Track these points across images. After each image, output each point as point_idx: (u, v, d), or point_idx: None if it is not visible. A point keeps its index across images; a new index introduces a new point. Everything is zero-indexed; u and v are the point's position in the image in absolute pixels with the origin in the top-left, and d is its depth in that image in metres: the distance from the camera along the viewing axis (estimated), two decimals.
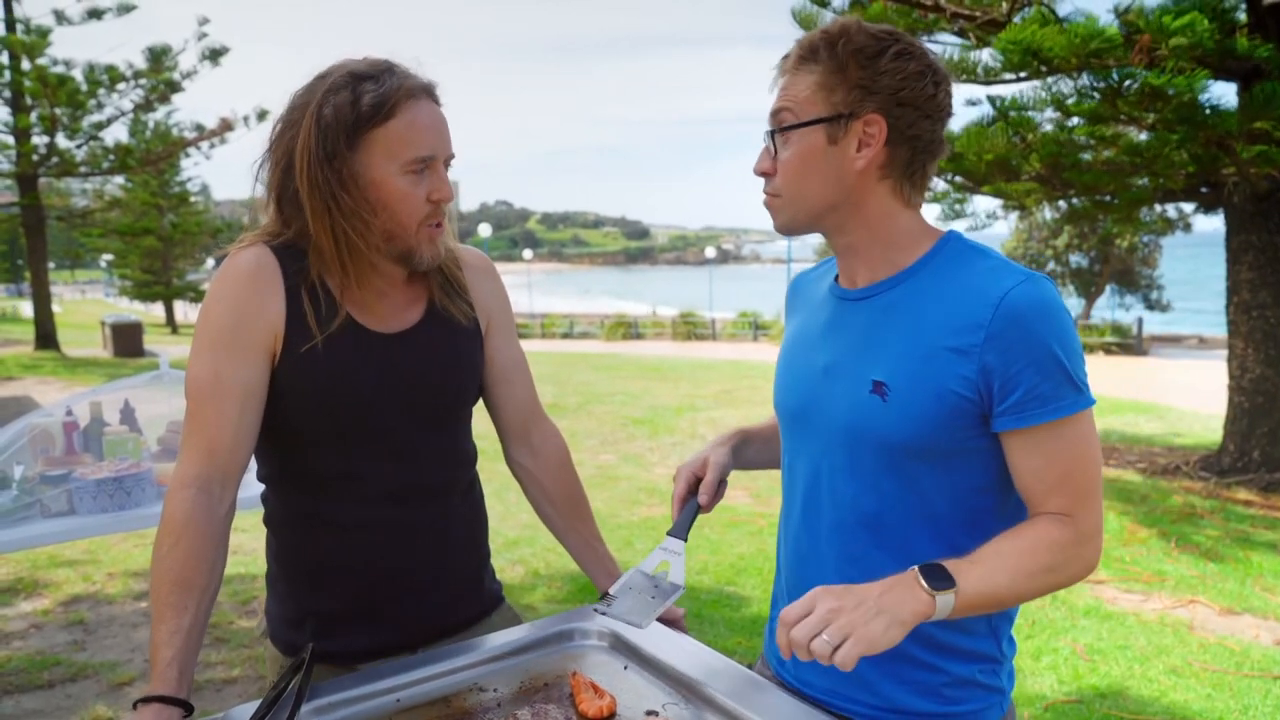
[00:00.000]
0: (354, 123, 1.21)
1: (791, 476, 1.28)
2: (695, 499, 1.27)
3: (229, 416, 1.22)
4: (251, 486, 2.61)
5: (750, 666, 1.30)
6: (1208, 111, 5.40)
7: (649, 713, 1.14)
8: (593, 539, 1.53)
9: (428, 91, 1.27)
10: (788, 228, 1.19)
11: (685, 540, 1.24)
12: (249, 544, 5.14)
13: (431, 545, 1.37)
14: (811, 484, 1.22)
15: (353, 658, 1.33)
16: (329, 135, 1.21)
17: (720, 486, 1.28)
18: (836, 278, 1.25)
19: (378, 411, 1.29)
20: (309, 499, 1.32)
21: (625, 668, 1.27)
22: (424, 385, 1.33)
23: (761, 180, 1.18)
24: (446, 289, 1.38)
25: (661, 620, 1.31)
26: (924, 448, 1.10)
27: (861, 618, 0.94)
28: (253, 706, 1.13)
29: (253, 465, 1.33)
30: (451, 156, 1.30)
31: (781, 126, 1.13)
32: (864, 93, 1.08)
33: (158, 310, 38.47)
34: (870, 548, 1.15)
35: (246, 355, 1.23)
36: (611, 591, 1.22)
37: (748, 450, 1.38)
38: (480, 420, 1.45)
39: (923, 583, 0.98)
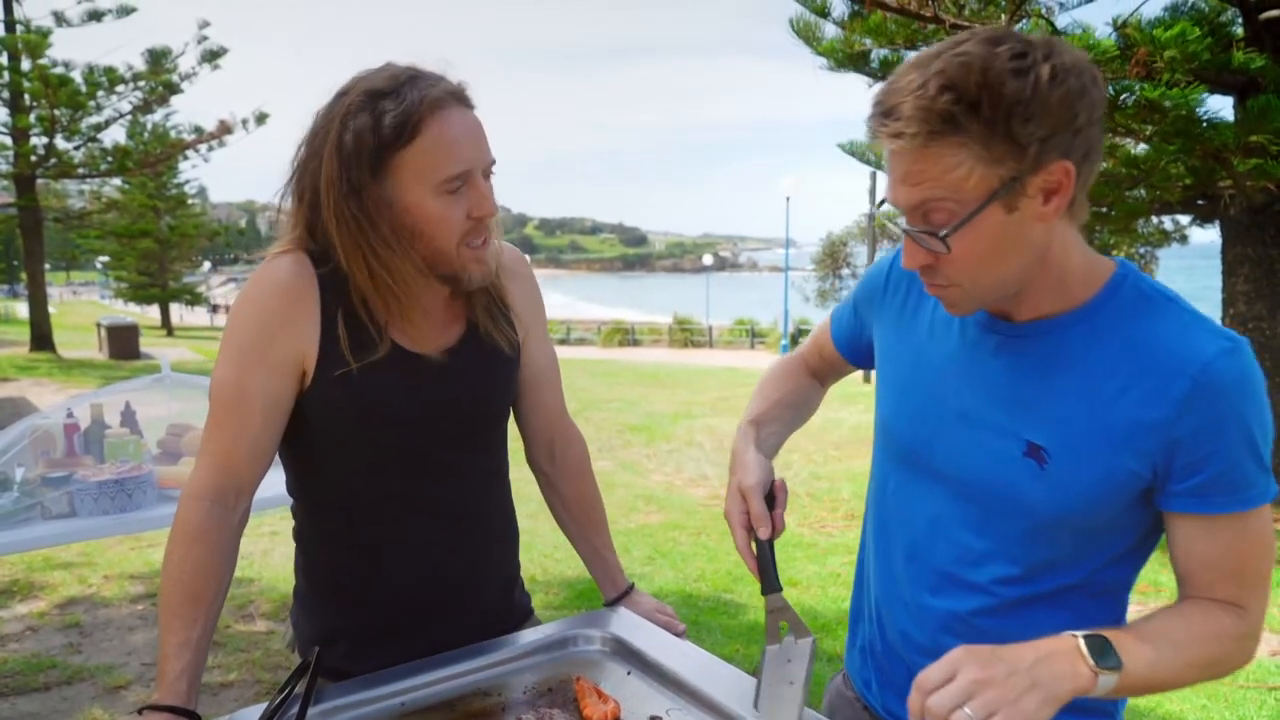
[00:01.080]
0: (376, 148, 1.12)
1: (902, 508, 1.14)
2: (761, 539, 1.09)
3: (249, 429, 1.19)
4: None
5: (829, 682, 1.28)
6: (1204, 124, 5.43)
7: (652, 718, 1.14)
8: (604, 548, 1.52)
9: (456, 97, 1.16)
10: (974, 312, 1.01)
11: (780, 589, 1.09)
12: (247, 547, 5.11)
13: (465, 562, 1.34)
14: (929, 529, 1.10)
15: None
16: (352, 166, 1.13)
17: (773, 502, 1.11)
18: None
19: (413, 434, 1.25)
20: (343, 517, 1.29)
21: (629, 673, 1.28)
22: (460, 408, 1.28)
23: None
24: (490, 309, 1.31)
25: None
26: (1076, 521, 0.98)
27: (1012, 692, 0.82)
28: (259, 710, 1.13)
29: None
30: (491, 163, 1.20)
31: (951, 227, 0.90)
32: (1041, 145, 0.86)
33: (153, 313, 38.41)
34: (986, 609, 1.05)
35: (273, 369, 1.18)
36: (756, 708, 1.10)
37: (767, 441, 1.23)
38: None
39: (1087, 657, 0.86)
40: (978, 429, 1.03)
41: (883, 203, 0.97)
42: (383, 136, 1.11)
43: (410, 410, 1.24)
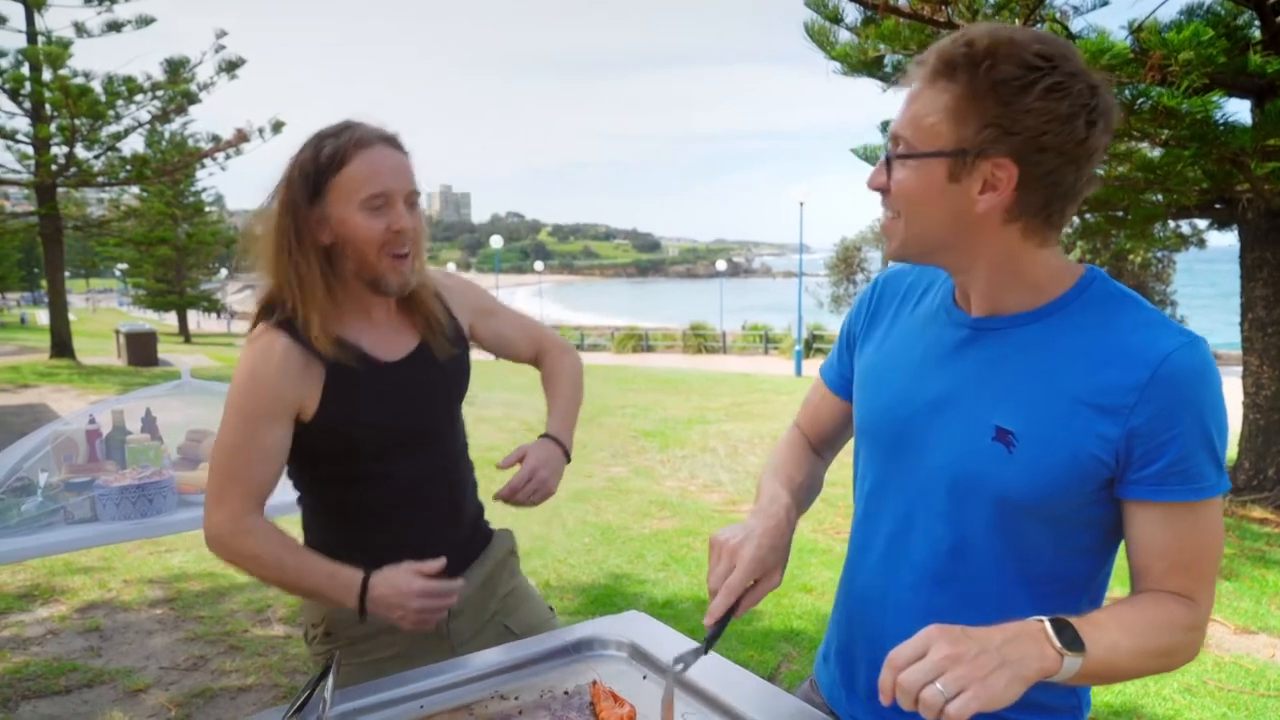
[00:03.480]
0: (315, 174, 1.41)
1: (873, 506, 1.18)
2: (734, 608, 1.07)
3: (266, 467, 1.45)
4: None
5: (791, 690, 1.30)
6: (1221, 128, 5.40)
7: None
8: (550, 409, 1.74)
9: (383, 139, 1.44)
10: (898, 255, 1.07)
11: (706, 652, 1.09)
12: None
13: (447, 504, 1.60)
14: (902, 525, 1.12)
15: None
16: (296, 189, 1.42)
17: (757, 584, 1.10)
18: (952, 295, 1.12)
19: (396, 430, 1.50)
20: (347, 494, 1.53)
21: (644, 677, 1.28)
22: (429, 401, 1.55)
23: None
24: (432, 323, 1.57)
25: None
26: (1043, 507, 1.01)
27: (982, 670, 0.84)
28: (279, 713, 1.15)
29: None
30: (413, 193, 1.46)
31: (901, 155, 1.00)
32: (998, 132, 0.93)
33: (171, 319, 38.75)
34: (958, 602, 1.07)
35: (274, 421, 1.44)
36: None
37: (797, 515, 1.22)
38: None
39: (1053, 639, 0.89)
40: (948, 416, 1.07)
41: (886, 124, 1.06)
42: (320, 165, 1.41)
43: (385, 415, 1.49)
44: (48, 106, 16.19)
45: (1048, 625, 0.90)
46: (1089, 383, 0.98)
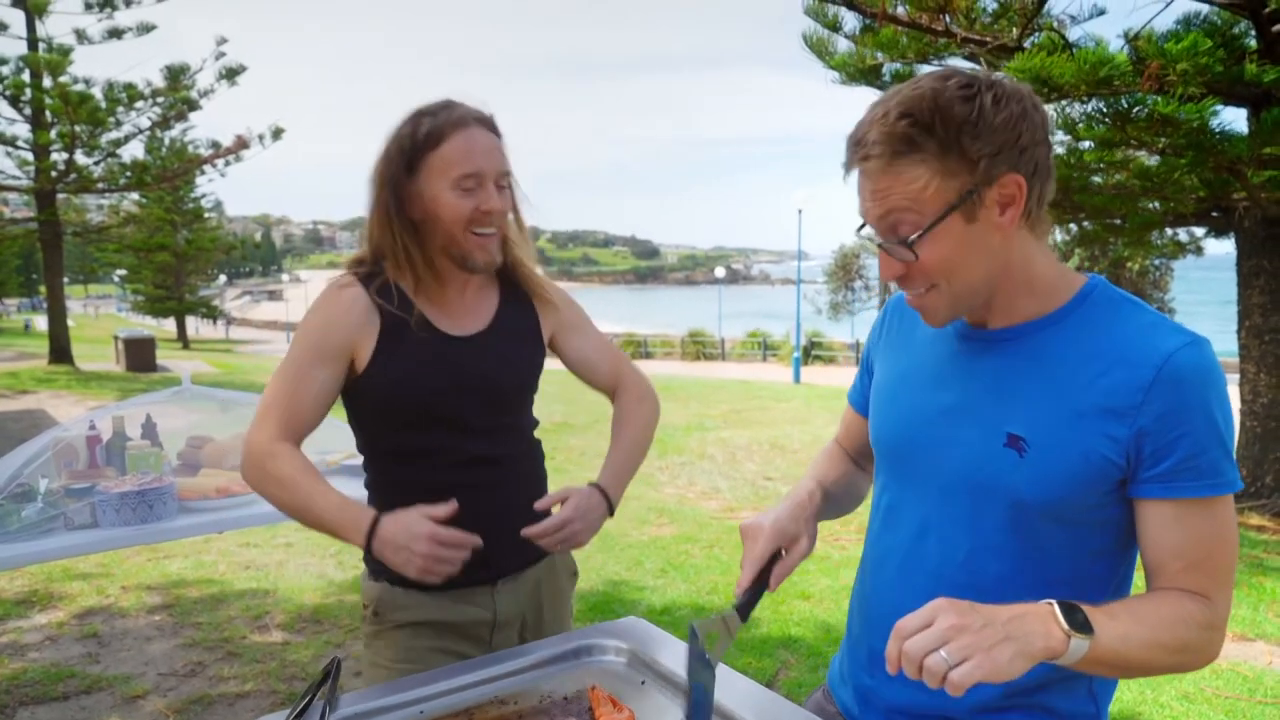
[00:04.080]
0: (412, 149, 1.46)
1: (893, 520, 1.19)
2: (766, 582, 1.13)
3: (306, 400, 1.48)
4: (262, 503, 2.63)
5: (791, 697, 1.30)
6: (1218, 137, 5.42)
7: None
8: (613, 449, 1.70)
9: (479, 121, 1.48)
10: (950, 319, 1.09)
11: (745, 621, 1.11)
12: (261, 559, 5.17)
13: (497, 501, 1.56)
14: (918, 535, 1.14)
15: (439, 587, 1.49)
16: (395, 163, 1.46)
17: (776, 558, 1.15)
18: None
19: (447, 401, 1.52)
20: (396, 468, 1.56)
21: (643, 683, 1.29)
22: (487, 382, 1.55)
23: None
24: (517, 305, 1.62)
25: None
26: (1057, 509, 1.03)
27: (987, 640, 0.86)
28: (279, 717, 1.15)
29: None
30: (505, 174, 1.50)
31: (915, 235, 1.00)
32: (990, 161, 0.98)
33: (169, 325, 38.73)
34: None
35: (326, 362, 1.49)
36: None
37: (826, 514, 1.29)
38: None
39: (1060, 619, 0.90)
40: (960, 425, 1.09)
41: (862, 227, 1.07)
42: (418, 141, 1.45)
43: (445, 381, 1.51)
44: (48, 113, 16.22)
45: (1056, 606, 0.91)
46: (1096, 385, 1.01)
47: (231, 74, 17.35)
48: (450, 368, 1.52)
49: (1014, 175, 0.99)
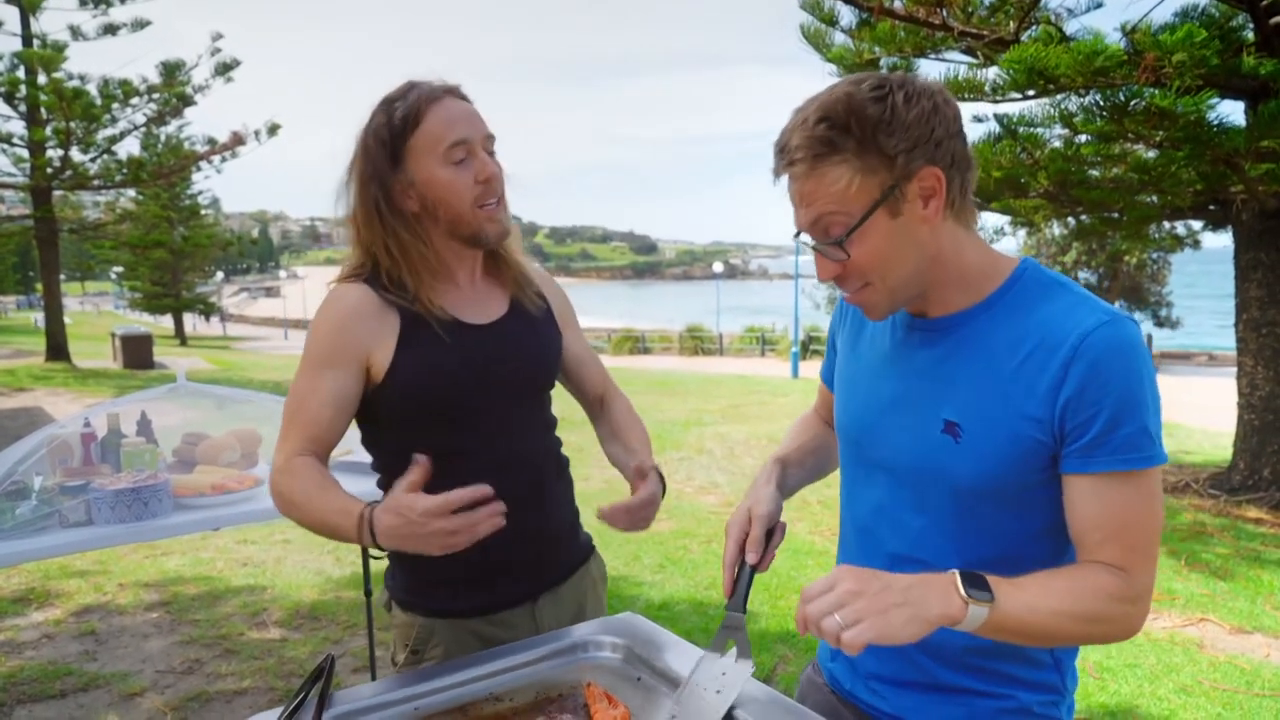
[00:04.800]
0: (391, 139, 1.39)
1: (852, 503, 1.27)
2: (746, 562, 1.18)
3: (324, 412, 1.41)
4: (258, 500, 2.61)
5: (792, 686, 1.32)
6: (1215, 129, 5.42)
7: None
8: (637, 443, 1.60)
9: (449, 92, 1.42)
10: (890, 311, 1.13)
11: (745, 612, 1.16)
12: (258, 556, 5.17)
13: (533, 506, 1.49)
14: (873, 516, 1.20)
15: (478, 612, 1.49)
16: (377, 159, 1.40)
17: (770, 538, 1.20)
18: None
19: (474, 394, 1.45)
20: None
21: (639, 679, 1.29)
22: (513, 369, 1.49)
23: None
24: (524, 289, 1.56)
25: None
26: (995, 490, 1.07)
27: (881, 604, 0.91)
28: (273, 715, 1.15)
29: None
30: (490, 137, 1.43)
31: (845, 234, 1.04)
32: (907, 156, 1.01)
33: (166, 322, 38.67)
34: None
35: (339, 368, 1.41)
36: (677, 701, 1.15)
37: (789, 480, 1.34)
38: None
39: (960, 587, 0.95)
40: (904, 415, 1.15)
41: (798, 233, 1.10)
42: (394, 128, 1.38)
43: (469, 372, 1.44)
44: (43, 110, 16.17)
45: (958, 575, 0.96)
46: (1020, 368, 1.04)
47: (226, 70, 17.31)
48: (479, 357, 1.45)
49: (931, 168, 1.03)
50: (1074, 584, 1.01)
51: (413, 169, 1.39)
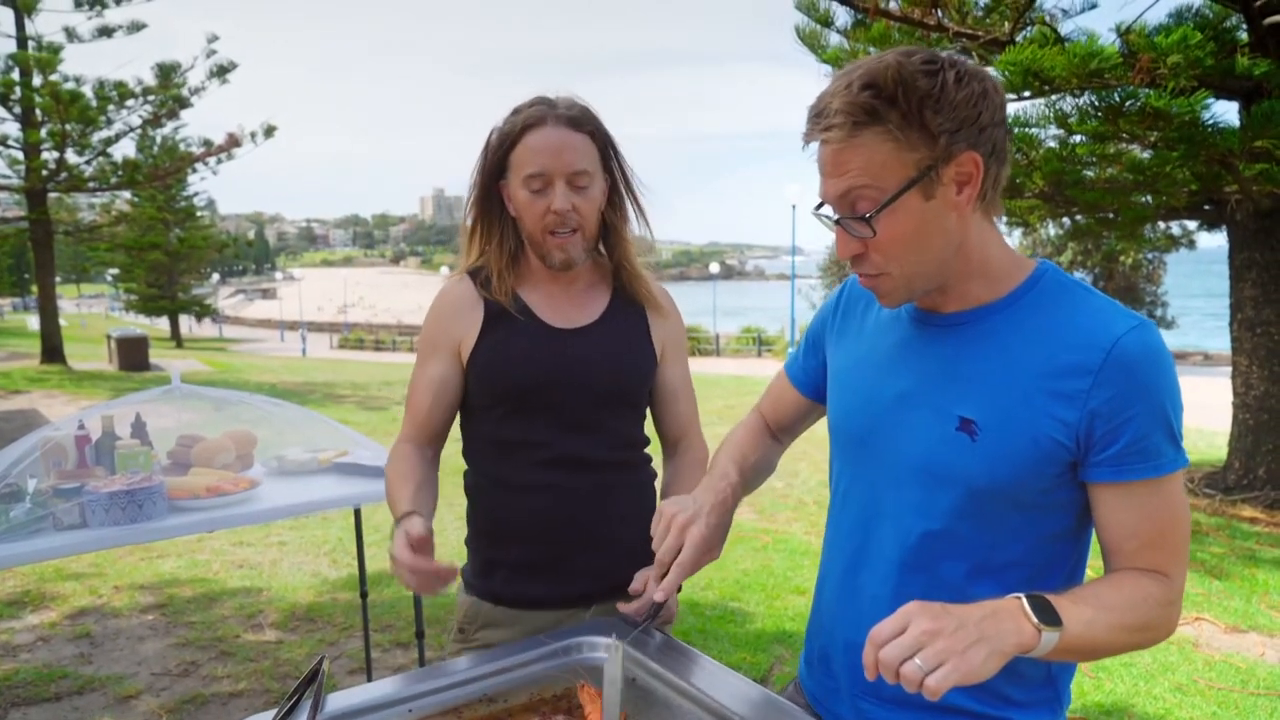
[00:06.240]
0: (499, 148, 1.51)
1: (846, 504, 1.22)
2: (656, 600, 1.22)
3: (427, 398, 1.56)
4: (253, 502, 2.59)
5: (781, 692, 1.30)
6: (1209, 130, 5.43)
7: None
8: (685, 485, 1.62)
9: (558, 118, 1.48)
10: (905, 299, 1.09)
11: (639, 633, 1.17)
12: (254, 558, 5.16)
13: (594, 509, 1.55)
14: (871, 516, 1.16)
15: (532, 603, 1.56)
16: (491, 157, 1.52)
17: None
18: None
19: (548, 390, 1.52)
20: (494, 464, 1.58)
21: (634, 680, 1.28)
22: (591, 372, 1.55)
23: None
24: (628, 307, 1.62)
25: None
26: (1010, 492, 1.03)
27: (960, 643, 0.87)
28: (267, 717, 1.14)
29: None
30: (578, 173, 1.48)
31: (875, 210, 0.99)
32: (950, 136, 0.97)
33: (162, 324, 38.59)
34: (927, 593, 1.06)
35: (438, 356, 1.56)
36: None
37: (742, 494, 1.34)
38: None
39: (1030, 614, 0.91)
40: (914, 410, 1.10)
41: (820, 205, 1.06)
42: (503, 139, 1.50)
43: (548, 369, 1.52)
44: (38, 112, 16.12)
45: (1025, 602, 0.92)
46: (1045, 369, 1.01)
47: (222, 71, 17.27)
48: (550, 355, 1.53)
49: (972, 153, 0.99)
50: (1124, 595, 0.99)
51: (511, 180, 1.51)
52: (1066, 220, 8.32)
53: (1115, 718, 3.22)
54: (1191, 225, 12.37)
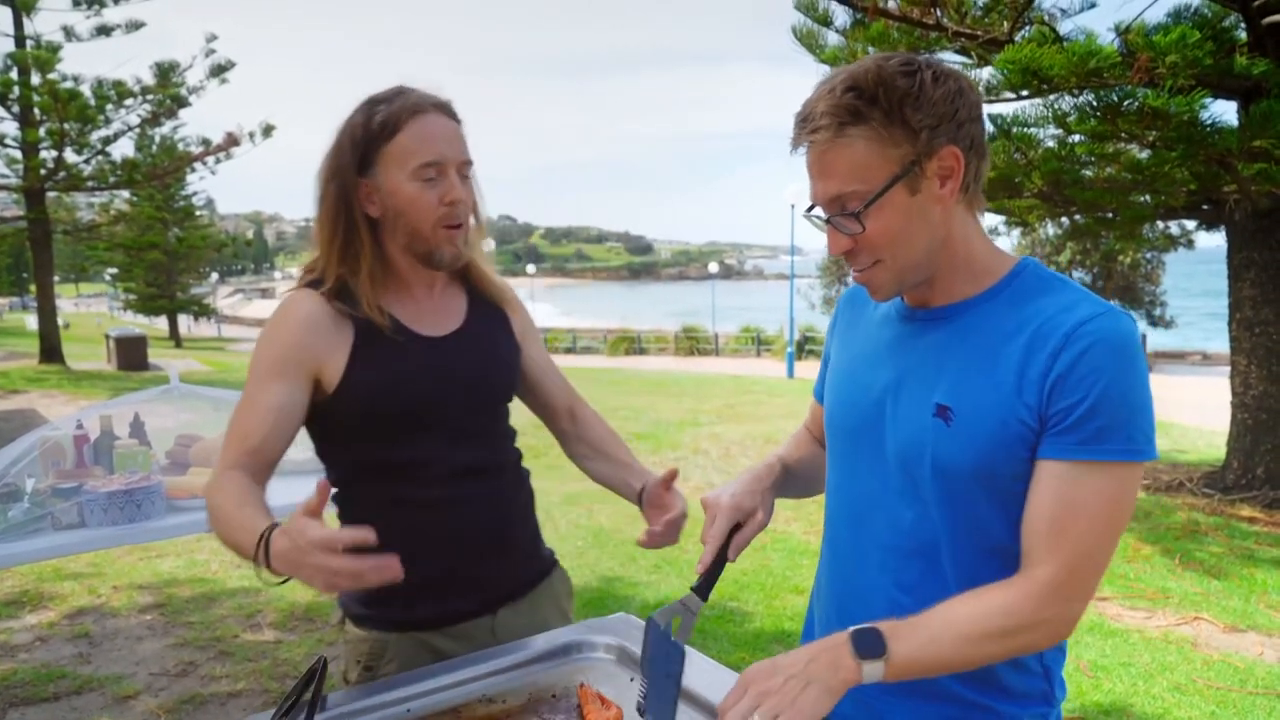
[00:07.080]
0: (366, 141, 1.37)
1: (840, 498, 1.25)
2: (725, 555, 1.20)
3: (263, 423, 1.35)
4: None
5: None
6: (1208, 130, 5.43)
7: None
8: (627, 456, 1.63)
9: (437, 106, 1.39)
10: (895, 293, 1.13)
11: (705, 600, 1.18)
12: None
13: (491, 517, 1.49)
14: (865, 507, 1.19)
15: (434, 625, 1.45)
16: (347, 155, 1.37)
17: (739, 529, 1.23)
18: (901, 296, 1.19)
19: (434, 404, 1.43)
20: (383, 487, 1.44)
21: (632, 680, 1.29)
22: (470, 379, 1.47)
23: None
24: (484, 304, 1.55)
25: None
26: (984, 474, 1.06)
27: (791, 692, 0.95)
28: (265, 717, 1.14)
29: None
30: (466, 163, 1.41)
31: (863, 206, 1.04)
32: (930, 132, 1.02)
33: (161, 324, 38.57)
34: (926, 576, 1.12)
35: (285, 379, 1.37)
36: (641, 693, 1.13)
37: (787, 489, 1.35)
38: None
39: (851, 650, 0.97)
40: (899, 400, 1.15)
41: (811, 208, 1.10)
42: (370, 131, 1.36)
43: (427, 382, 1.43)
44: (36, 111, 16.11)
45: (848, 637, 0.98)
46: (1015, 355, 1.05)
47: (221, 71, 17.26)
48: (433, 369, 1.43)
49: (952, 148, 1.04)
50: (980, 605, 1.01)
51: (381, 176, 1.37)
52: (1065, 220, 8.34)
53: (1114, 717, 3.23)
54: (1190, 225, 12.40)
